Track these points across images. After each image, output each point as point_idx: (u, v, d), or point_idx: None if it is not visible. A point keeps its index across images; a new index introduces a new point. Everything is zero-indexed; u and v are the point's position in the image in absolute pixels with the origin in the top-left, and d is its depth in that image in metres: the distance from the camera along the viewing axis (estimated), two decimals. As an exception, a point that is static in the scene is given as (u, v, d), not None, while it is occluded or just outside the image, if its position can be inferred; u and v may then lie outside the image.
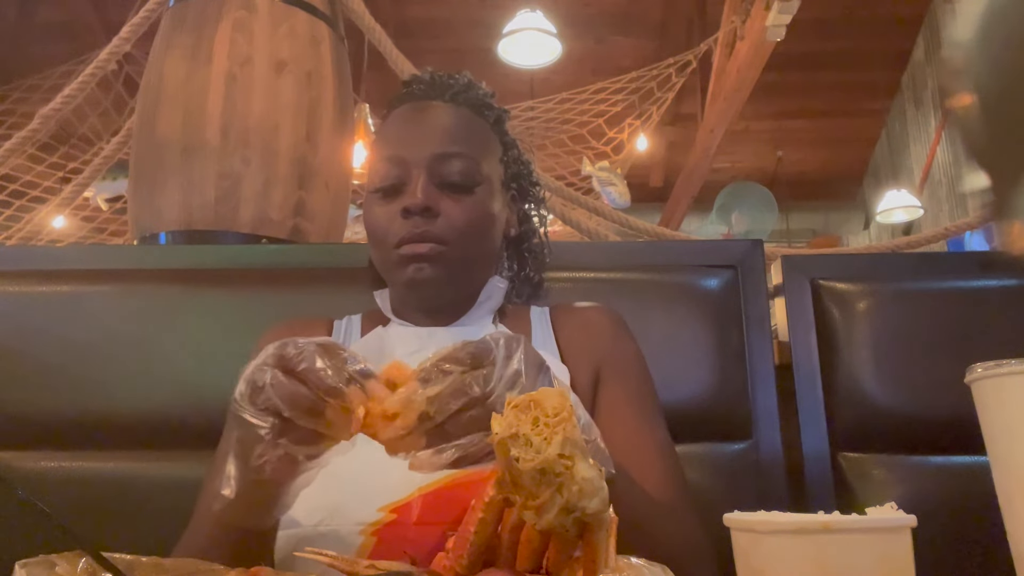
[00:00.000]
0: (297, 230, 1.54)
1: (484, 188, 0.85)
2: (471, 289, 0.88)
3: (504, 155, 0.92)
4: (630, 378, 0.85)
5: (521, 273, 0.96)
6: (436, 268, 0.81)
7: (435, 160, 0.83)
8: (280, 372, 0.53)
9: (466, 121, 0.88)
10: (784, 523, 0.50)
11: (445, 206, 0.82)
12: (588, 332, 0.88)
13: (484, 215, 0.85)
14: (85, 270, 1.15)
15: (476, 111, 0.90)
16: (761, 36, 3.37)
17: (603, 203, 4.08)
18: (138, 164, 1.58)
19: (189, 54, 1.57)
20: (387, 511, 0.69)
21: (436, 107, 0.88)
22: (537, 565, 0.49)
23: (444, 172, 0.83)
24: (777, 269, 1.21)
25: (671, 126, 6.08)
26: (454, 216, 0.82)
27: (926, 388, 1.08)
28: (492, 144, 0.90)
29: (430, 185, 0.82)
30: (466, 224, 0.82)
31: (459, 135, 0.86)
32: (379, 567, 0.51)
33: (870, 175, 7.43)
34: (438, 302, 0.87)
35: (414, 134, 0.85)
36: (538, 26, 3.97)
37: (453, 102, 0.89)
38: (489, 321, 0.89)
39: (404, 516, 0.68)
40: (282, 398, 0.52)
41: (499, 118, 0.93)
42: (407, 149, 0.84)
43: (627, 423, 0.81)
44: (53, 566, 0.44)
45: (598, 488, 0.43)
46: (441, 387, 0.52)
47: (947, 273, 1.18)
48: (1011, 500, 0.59)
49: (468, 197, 0.83)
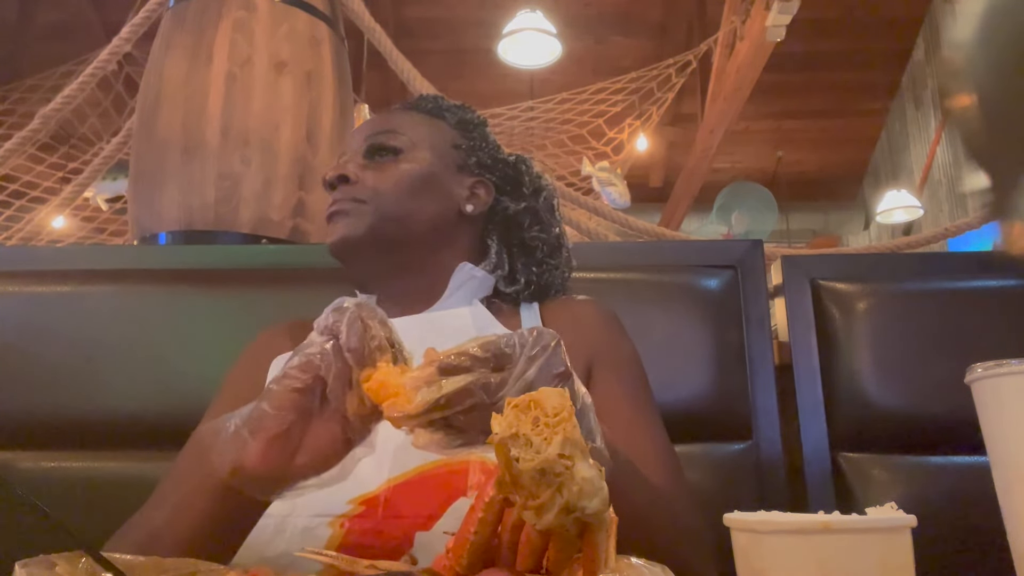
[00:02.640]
0: (297, 230, 1.54)
1: (416, 158, 0.88)
2: (426, 269, 0.88)
3: (465, 144, 0.94)
4: (623, 372, 0.84)
5: (528, 289, 0.93)
6: (348, 222, 0.85)
7: (363, 143, 0.89)
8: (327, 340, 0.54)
9: (412, 117, 0.93)
10: (784, 523, 0.50)
11: (364, 175, 0.87)
12: (579, 327, 0.86)
13: (410, 180, 0.87)
14: (85, 270, 1.15)
15: (431, 114, 0.95)
16: (761, 36, 3.38)
17: (603, 203, 4.08)
18: (138, 164, 1.58)
19: (189, 54, 1.57)
20: (356, 503, 0.69)
21: (387, 111, 0.96)
22: (537, 565, 0.49)
23: (370, 149, 0.89)
24: (777, 269, 1.21)
25: (671, 126, 6.07)
26: (374, 180, 0.86)
27: (926, 388, 1.08)
28: (443, 132, 0.93)
29: (353, 162, 0.88)
30: (386, 184, 0.86)
31: (396, 122, 0.91)
32: (379, 567, 0.51)
33: (870, 175, 7.43)
34: (370, 268, 0.89)
35: (356, 131, 0.93)
36: (538, 26, 3.97)
37: (406, 109, 0.95)
38: (467, 309, 0.87)
39: (373, 508, 0.68)
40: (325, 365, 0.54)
41: (464, 120, 0.96)
42: (347, 143, 0.92)
43: (622, 417, 0.80)
44: (53, 566, 0.44)
45: (598, 488, 0.43)
46: (454, 388, 0.51)
47: (947, 273, 1.18)
48: (1011, 500, 0.59)
49: (392, 164, 0.88)
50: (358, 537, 0.67)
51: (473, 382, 0.51)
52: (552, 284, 0.95)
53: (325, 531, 0.68)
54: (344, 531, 0.68)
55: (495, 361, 0.53)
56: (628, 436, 0.77)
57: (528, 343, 0.53)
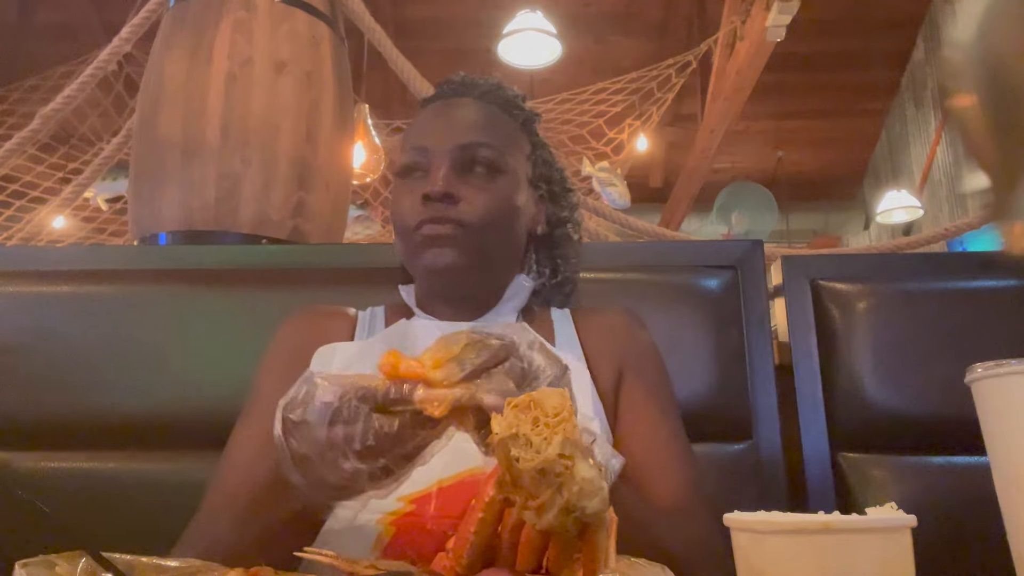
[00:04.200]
0: (297, 230, 1.54)
1: (507, 179, 0.86)
2: (494, 282, 0.88)
3: (532, 153, 0.92)
4: (651, 379, 0.86)
5: (553, 280, 0.95)
6: (455, 251, 0.82)
7: (458, 149, 0.84)
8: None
9: (492, 116, 0.89)
10: (784, 523, 0.50)
11: (466, 192, 0.83)
12: (610, 335, 0.88)
13: (506, 204, 0.85)
14: (85, 270, 1.15)
15: (503, 109, 0.91)
16: (761, 36, 3.38)
17: (603, 203, 4.08)
18: (138, 164, 1.58)
19: (189, 54, 1.57)
20: (406, 502, 0.69)
21: (463, 103, 0.90)
22: (537, 565, 0.49)
23: (467, 160, 0.84)
24: (777, 269, 1.21)
25: (671, 126, 6.07)
26: (475, 201, 0.83)
27: (926, 388, 1.08)
28: (519, 140, 0.91)
29: (452, 173, 0.83)
30: (486, 209, 0.83)
31: (483, 127, 0.87)
32: (379, 567, 0.51)
33: (870, 175, 7.43)
34: (460, 291, 0.87)
35: (439, 126, 0.87)
36: (538, 26, 3.97)
37: (481, 100, 0.90)
38: (513, 319, 0.89)
39: (422, 507, 0.69)
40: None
41: (528, 118, 0.94)
42: (431, 139, 0.86)
43: (647, 422, 0.82)
44: (53, 566, 0.44)
45: (598, 488, 0.43)
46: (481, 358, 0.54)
47: (947, 273, 1.18)
48: (1011, 500, 0.59)
49: (490, 185, 0.84)
50: (407, 535, 0.68)
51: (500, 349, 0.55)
52: (576, 272, 0.97)
53: (375, 528, 0.69)
54: (394, 529, 0.68)
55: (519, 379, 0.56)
56: (652, 444, 0.81)
57: (523, 338, 0.57)
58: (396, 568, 0.50)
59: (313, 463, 0.55)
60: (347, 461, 0.54)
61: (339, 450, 0.54)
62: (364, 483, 0.55)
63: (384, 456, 0.55)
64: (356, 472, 0.54)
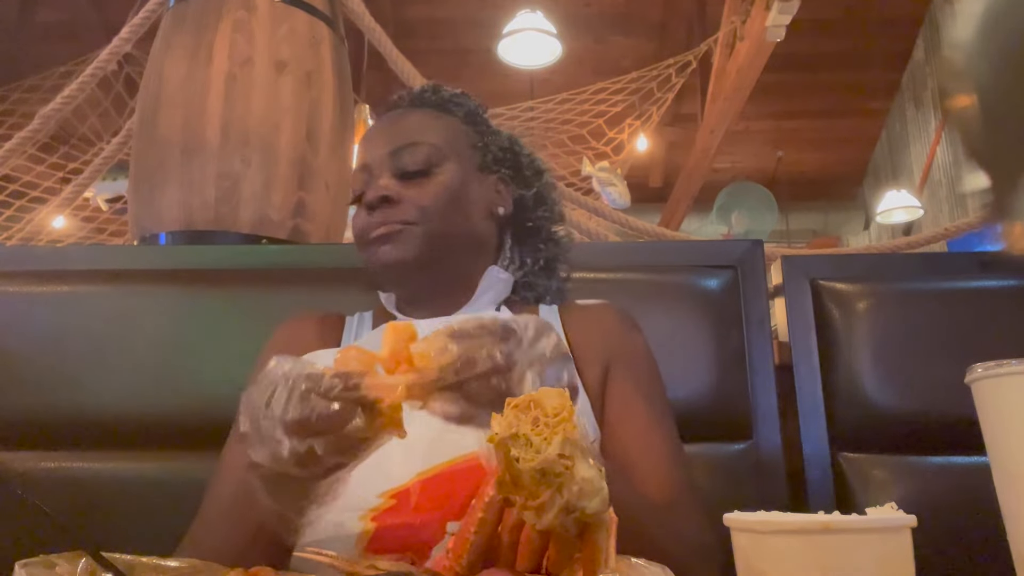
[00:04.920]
0: (297, 230, 1.54)
1: (448, 169, 0.87)
2: (461, 275, 0.88)
3: (481, 140, 0.93)
4: (640, 375, 0.86)
5: (535, 267, 0.95)
6: (402, 246, 0.83)
7: (390, 156, 0.87)
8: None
9: (424, 117, 0.92)
10: (784, 523, 0.50)
11: (406, 193, 0.85)
12: (598, 330, 0.88)
13: (448, 193, 0.86)
14: (85, 270, 1.15)
15: (439, 109, 0.93)
16: (761, 36, 3.37)
17: (603, 203, 4.08)
18: (138, 164, 1.58)
19: (189, 54, 1.57)
20: (386, 496, 0.69)
21: (396, 114, 0.93)
22: (537, 565, 0.49)
23: (401, 163, 0.86)
24: (777, 269, 1.21)
25: (671, 126, 6.07)
26: (416, 198, 0.85)
27: (926, 388, 1.08)
28: (459, 132, 0.92)
29: (391, 179, 0.86)
30: (429, 202, 0.85)
31: (414, 128, 0.89)
32: (379, 567, 0.50)
33: (870, 175, 7.43)
34: (422, 287, 0.88)
35: (375, 140, 0.90)
36: (538, 26, 3.97)
37: (412, 105, 0.93)
38: (493, 312, 0.89)
39: (403, 502, 0.69)
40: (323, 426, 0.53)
41: (471, 111, 0.95)
42: (370, 154, 0.89)
43: (636, 420, 0.81)
44: (53, 566, 0.44)
45: (598, 488, 0.43)
46: (467, 345, 0.53)
47: (947, 273, 1.18)
48: (1011, 500, 0.59)
49: (428, 180, 0.86)
50: (389, 530, 0.68)
51: (486, 343, 0.53)
52: (559, 259, 0.97)
53: (356, 525, 0.68)
54: (375, 525, 0.68)
55: (502, 333, 0.55)
56: (641, 442, 0.80)
57: (530, 324, 0.56)
58: (396, 568, 0.50)
59: (252, 439, 0.54)
60: (275, 434, 0.52)
61: (272, 423, 0.53)
62: (287, 463, 0.53)
63: (313, 439, 0.53)
64: (281, 447, 0.52)
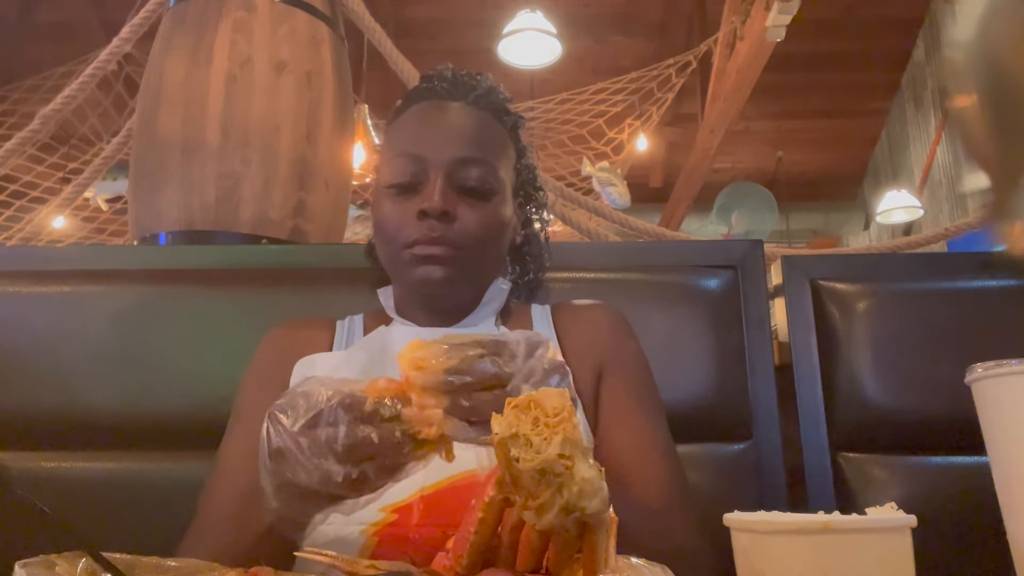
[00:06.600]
0: (297, 230, 1.54)
1: (501, 197, 0.85)
2: (478, 291, 0.88)
3: (517, 162, 0.92)
4: (632, 376, 0.85)
5: (525, 277, 0.96)
6: (448, 271, 0.81)
7: (455, 164, 0.82)
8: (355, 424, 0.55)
9: (486, 126, 0.87)
10: (784, 523, 0.50)
11: (462, 211, 0.81)
12: (590, 331, 0.87)
13: (498, 223, 0.85)
14: (85, 270, 1.15)
15: (495, 115, 0.89)
16: (761, 36, 3.37)
17: (603, 203, 4.08)
18: (138, 164, 1.58)
19: (189, 54, 1.57)
20: (388, 511, 0.69)
21: (457, 108, 0.87)
22: (537, 565, 0.49)
23: (463, 177, 0.82)
24: (777, 269, 1.21)
25: (671, 126, 6.07)
26: (470, 222, 0.81)
27: (926, 388, 1.08)
28: (508, 151, 0.89)
29: (448, 188, 0.81)
30: (482, 231, 0.82)
31: (479, 140, 0.85)
32: (379, 567, 0.50)
33: (870, 175, 7.43)
34: (445, 303, 0.87)
35: (434, 134, 0.84)
36: (538, 26, 3.97)
37: (475, 105, 0.88)
38: (492, 323, 0.89)
39: (405, 517, 0.69)
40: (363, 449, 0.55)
41: (515, 124, 0.92)
42: (426, 148, 0.83)
43: (629, 422, 0.81)
44: (53, 566, 0.44)
45: (598, 488, 0.43)
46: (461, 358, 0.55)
47: (947, 273, 1.18)
48: (1011, 500, 0.59)
49: (484, 204, 0.83)
50: (390, 545, 0.68)
51: (479, 359, 0.55)
52: (542, 286, 0.97)
53: (358, 539, 0.68)
54: (377, 539, 0.68)
55: (494, 347, 0.56)
56: (634, 444, 0.79)
57: (523, 340, 0.57)
58: (396, 568, 0.50)
59: (287, 459, 0.55)
60: (326, 461, 0.54)
61: (320, 449, 0.54)
62: (340, 487, 0.55)
63: (364, 464, 0.55)
64: (333, 474, 0.54)
